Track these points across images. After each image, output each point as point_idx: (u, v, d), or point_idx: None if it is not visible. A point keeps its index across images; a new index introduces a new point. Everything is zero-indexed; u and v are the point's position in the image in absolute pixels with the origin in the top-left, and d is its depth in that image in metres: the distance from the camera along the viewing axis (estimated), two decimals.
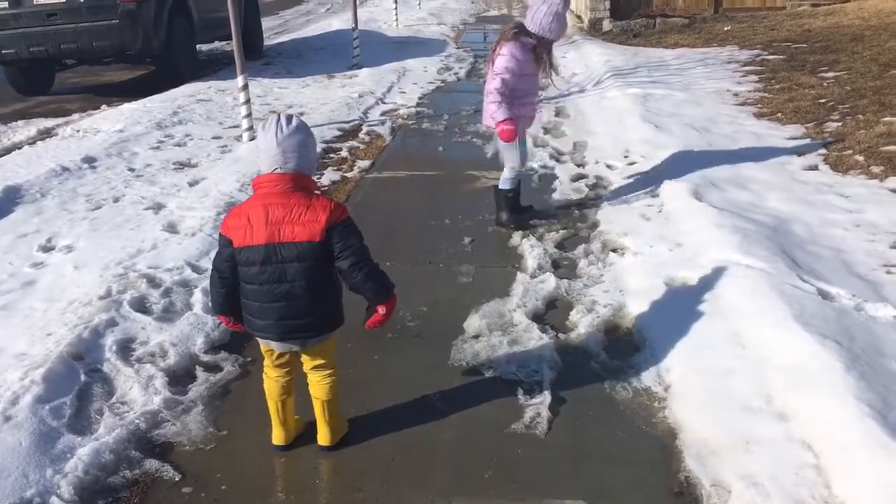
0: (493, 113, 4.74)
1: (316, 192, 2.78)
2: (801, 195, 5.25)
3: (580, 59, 11.80)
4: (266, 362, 2.99)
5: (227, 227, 2.76)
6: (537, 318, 3.98)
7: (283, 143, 2.67)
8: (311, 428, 3.09)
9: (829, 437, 2.79)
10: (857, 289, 3.84)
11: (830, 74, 8.77)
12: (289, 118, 2.72)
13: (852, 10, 13.14)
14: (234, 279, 2.81)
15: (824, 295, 3.77)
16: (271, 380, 2.98)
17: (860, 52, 9.58)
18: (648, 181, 5.80)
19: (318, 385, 2.98)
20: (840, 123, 6.81)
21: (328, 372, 2.96)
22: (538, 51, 4.53)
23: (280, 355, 2.91)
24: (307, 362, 2.95)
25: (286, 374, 2.97)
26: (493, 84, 4.69)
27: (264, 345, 2.91)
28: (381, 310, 2.84)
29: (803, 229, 4.67)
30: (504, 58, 4.64)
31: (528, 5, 4.70)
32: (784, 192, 5.33)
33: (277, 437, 3.06)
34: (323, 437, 3.05)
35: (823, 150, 6.20)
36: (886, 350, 3.27)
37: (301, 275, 2.70)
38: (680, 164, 5.98)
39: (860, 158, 5.85)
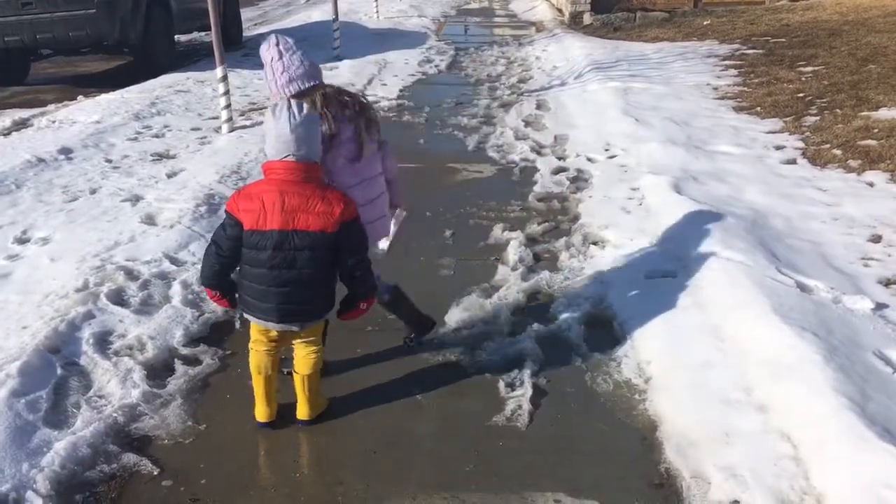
0: None
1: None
2: (779, 189, 5.29)
3: (561, 52, 11.81)
4: (254, 338, 3.00)
5: (238, 209, 2.75)
6: (518, 310, 3.98)
7: (297, 129, 2.67)
8: (290, 410, 3.11)
9: (807, 429, 2.82)
10: (835, 281, 3.88)
11: (809, 69, 8.84)
12: (300, 105, 2.72)
13: (830, 4, 13.24)
14: (232, 258, 2.83)
15: (803, 288, 3.79)
16: (260, 353, 3.00)
17: (838, 47, 9.66)
18: (629, 174, 5.81)
19: (303, 359, 3.01)
20: (818, 117, 6.87)
21: (315, 347, 3.01)
22: None
23: (274, 333, 2.95)
24: (297, 337, 2.99)
25: (275, 347, 3.01)
26: None
27: (261, 325, 2.92)
28: (363, 305, 2.99)
29: (782, 222, 4.70)
30: None
31: None
32: (763, 185, 5.37)
33: (262, 414, 3.08)
34: (302, 411, 3.09)
35: (801, 144, 6.25)
36: (864, 342, 3.30)
37: (310, 263, 2.75)
38: (660, 158, 6.01)
39: (838, 152, 5.90)
